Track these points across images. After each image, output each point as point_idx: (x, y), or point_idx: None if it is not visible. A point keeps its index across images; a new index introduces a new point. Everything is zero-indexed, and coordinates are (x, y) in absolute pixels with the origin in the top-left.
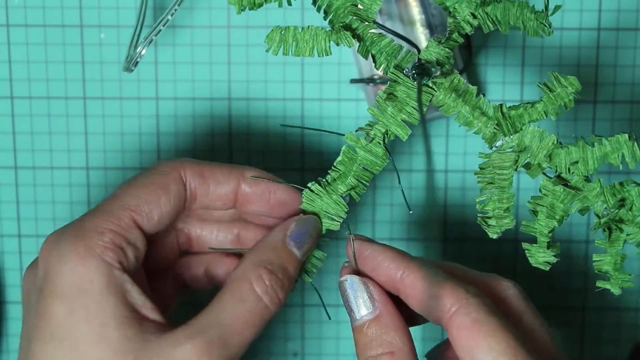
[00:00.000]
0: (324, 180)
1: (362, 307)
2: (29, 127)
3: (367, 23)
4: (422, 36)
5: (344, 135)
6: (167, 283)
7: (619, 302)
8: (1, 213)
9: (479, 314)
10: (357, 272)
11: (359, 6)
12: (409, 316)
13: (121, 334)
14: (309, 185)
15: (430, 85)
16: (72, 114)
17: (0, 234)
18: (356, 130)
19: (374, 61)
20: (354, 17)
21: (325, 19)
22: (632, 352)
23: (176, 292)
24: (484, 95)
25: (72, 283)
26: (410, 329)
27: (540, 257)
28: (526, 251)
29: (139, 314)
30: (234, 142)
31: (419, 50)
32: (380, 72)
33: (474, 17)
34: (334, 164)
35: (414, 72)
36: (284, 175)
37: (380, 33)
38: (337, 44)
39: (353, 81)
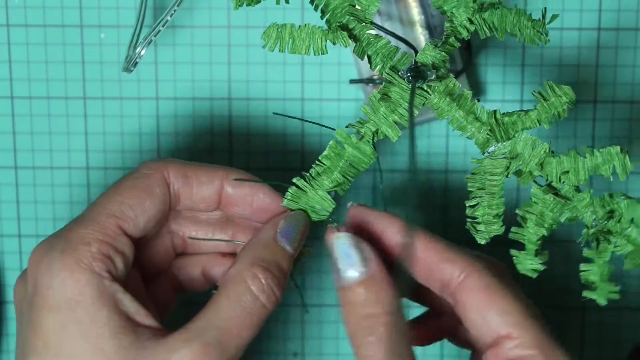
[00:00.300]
0: (307, 174)
1: (356, 265)
2: (29, 127)
3: (364, 24)
4: (421, 37)
5: (334, 129)
6: (165, 285)
7: (619, 303)
8: (1, 213)
9: (491, 279)
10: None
11: (357, 7)
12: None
13: (116, 343)
14: (294, 180)
15: (425, 88)
16: (72, 114)
17: (0, 234)
18: (346, 127)
19: (370, 62)
20: (351, 18)
21: (322, 18)
22: (632, 352)
23: (174, 294)
24: (478, 100)
25: (63, 296)
26: None
27: (527, 264)
28: (514, 258)
29: (133, 321)
30: (234, 142)
31: (416, 52)
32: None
33: (471, 22)
34: (319, 158)
35: (409, 74)
36: (284, 175)
37: (377, 34)
38: (334, 44)
39: (352, 81)
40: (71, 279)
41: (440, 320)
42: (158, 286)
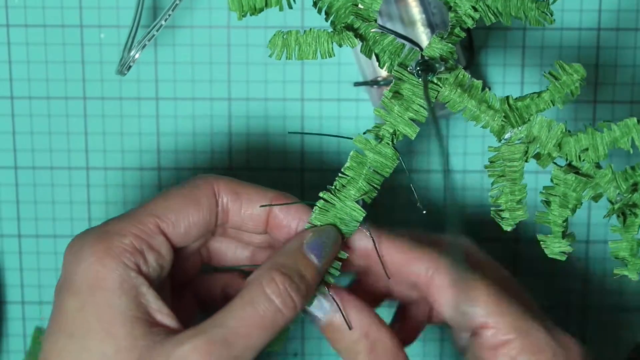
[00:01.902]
0: (332, 187)
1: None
2: (29, 127)
3: (368, 22)
4: (423, 36)
5: (351, 138)
6: (188, 301)
7: (619, 302)
8: (1, 213)
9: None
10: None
11: (360, 6)
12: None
13: (127, 332)
14: (321, 194)
15: (435, 81)
16: (72, 114)
17: (0, 234)
18: (364, 133)
19: (378, 60)
20: (355, 17)
21: (326, 20)
22: (632, 352)
23: (196, 312)
24: (489, 88)
25: (86, 280)
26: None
27: (555, 247)
28: (541, 242)
29: (151, 317)
30: (234, 142)
31: (421, 49)
32: (383, 74)
33: (475, 10)
34: (342, 170)
35: (418, 69)
36: (284, 175)
37: (382, 32)
38: (340, 45)
39: (357, 84)
40: (97, 265)
41: (414, 312)
42: (183, 302)
